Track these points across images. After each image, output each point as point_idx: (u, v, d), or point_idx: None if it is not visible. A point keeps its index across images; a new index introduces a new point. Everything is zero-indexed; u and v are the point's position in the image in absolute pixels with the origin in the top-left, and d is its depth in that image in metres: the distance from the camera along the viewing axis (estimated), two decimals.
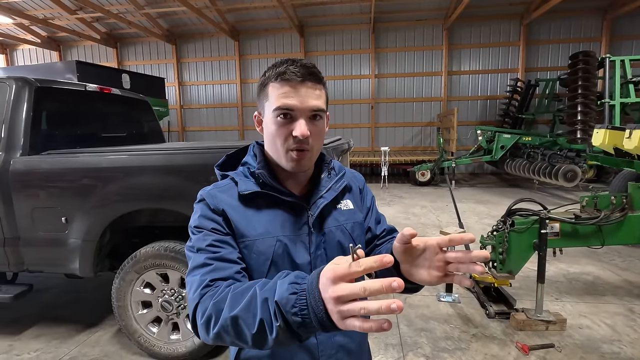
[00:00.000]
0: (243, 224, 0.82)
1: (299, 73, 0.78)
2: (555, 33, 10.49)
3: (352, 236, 0.91)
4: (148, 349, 2.33)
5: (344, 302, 0.53)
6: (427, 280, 0.71)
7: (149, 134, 3.77)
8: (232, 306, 0.65)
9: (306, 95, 0.79)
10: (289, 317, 0.58)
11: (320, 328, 0.57)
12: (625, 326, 2.65)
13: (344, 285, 0.53)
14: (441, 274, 0.69)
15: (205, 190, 0.86)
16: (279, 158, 0.83)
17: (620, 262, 3.90)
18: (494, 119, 10.89)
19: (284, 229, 0.84)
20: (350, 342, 0.90)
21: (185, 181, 2.09)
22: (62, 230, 2.27)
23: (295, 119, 0.79)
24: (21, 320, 2.94)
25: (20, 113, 2.36)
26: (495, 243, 2.76)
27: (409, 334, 2.61)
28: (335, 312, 0.54)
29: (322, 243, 0.87)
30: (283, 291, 0.60)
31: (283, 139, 0.80)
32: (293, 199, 0.85)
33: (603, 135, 3.95)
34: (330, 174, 0.93)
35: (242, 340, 0.65)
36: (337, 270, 0.54)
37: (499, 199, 7.37)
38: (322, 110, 0.82)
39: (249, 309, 0.63)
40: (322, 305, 0.55)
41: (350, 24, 11.15)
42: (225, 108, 12.28)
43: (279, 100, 0.78)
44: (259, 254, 0.81)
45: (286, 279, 0.62)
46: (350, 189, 0.98)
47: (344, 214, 0.92)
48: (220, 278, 0.74)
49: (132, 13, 10.39)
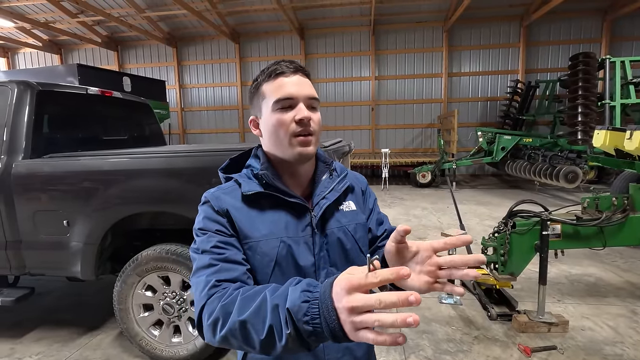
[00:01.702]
0: (247, 225, 0.82)
1: (290, 66, 0.84)
2: (555, 34, 10.50)
3: (355, 237, 0.91)
4: (150, 352, 2.33)
5: (358, 313, 0.52)
6: (416, 286, 0.67)
7: (150, 137, 3.78)
8: (241, 310, 0.64)
9: (301, 83, 0.83)
10: (300, 325, 0.57)
11: (332, 338, 0.56)
12: (627, 328, 2.64)
13: (359, 296, 0.52)
14: (432, 280, 0.65)
15: (209, 192, 0.87)
16: (284, 150, 0.84)
17: (622, 263, 3.89)
18: (494, 121, 10.90)
19: (288, 230, 0.84)
20: (357, 346, 0.90)
21: (186, 184, 2.09)
22: (64, 233, 2.27)
23: (295, 105, 0.82)
24: (23, 323, 2.94)
25: (22, 116, 2.37)
26: (496, 245, 2.75)
27: (410, 336, 2.60)
28: (349, 323, 0.53)
29: (324, 244, 0.87)
30: (295, 298, 0.59)
31: (286, 126, 0.82)
32: (296, 200, 0.85)
33: (604, 136, 3.95)
34: (332, 175, 0.93)
35: (249, 345, 0.64)
36: (352, 280, 0.53)
37: (499, 200, 7.36)
38: (317, 98, 0.86)
39: (259, 314, 0.62)
40: (334, 315, 0.54)
41: (351, 26, 11.18)
42: (226, 110, 12.31)
43: (278, 92, 0.82)
44: (263, 255, 0.81)
45: (298, 286, 0.61)
46: (353, 190, 0.98)
47: (347, 215, 0.92)
48: (226, 279, 0.73)
49: (133, 16, 10.43)
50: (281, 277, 0.80)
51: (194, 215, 0.89)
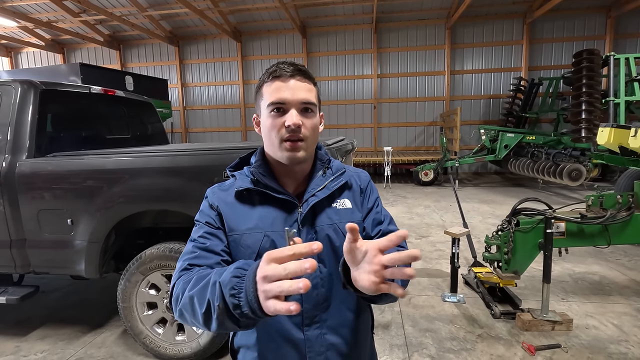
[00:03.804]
0: (234, 219, 0.88)
1: (288, 69, 0.85)
2: (559, 31, 10.43)
3: (345, 235, 0.90)
4: (154, 350, 2.33)
5: (268, 281, 0.56)
6: (366, 286, 0.65)
7: (152, 136, 3.79)
8: (192, 287, 0.71)
9: (296, 88, 0.84)
10: (227, 298, 0.62)
11: (250, 311, 0.59)
12: (632, 326, 2.63)
13: (272, 265, 0.56)
14: (377, 280, 0.63)
15: (210, 188, 0.96)
16: (275, 151, 0.87)
17: (626, 261, 3.87)
18: (497, 118, 10.85)
19: (274, 225, 0.87)
20: (342, 342, 0.90)
21: (189, 182, 2.09)
22: (68, 232, 2.28)
23: (287, 110, 0.84)
24: (28, 321, 2.96)
25: (26, 116, 2.37)
26: (500, 243, 2.74)
27: (414, 334, 2.60)
28: (261, 292, 0.57)
29: (312, 240, 0.86)
30: (228, 274, 0.64)
31: (277, 130, 0.84)
32: (284, 196, 0.88)
33: (608, 133, 3.92)
34: (325, 173, 0.94)
35: (196, 320, 0.70)
36: (271, 253, 0.57)
37: (503, 198, 7.34)
38: (312, 103, 0.86)
39: (203, 291, 0.67)
40: (253, 287, 0.58)
41: (353, 24, 11.15)
42: (228, 109, 12.31)
43: (272, 96, 0.84)
44: (246, 247, 0.86)
45: (236, 263, 0.66)
46: (350, 187, 0.98)
47: (339, 213, 0.92)
48: (199, 264, 0.81)
49: (135, 15, 10.44)
50: None
51: (196, 213, 0.95)
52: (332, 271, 0.89)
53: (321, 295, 0.88)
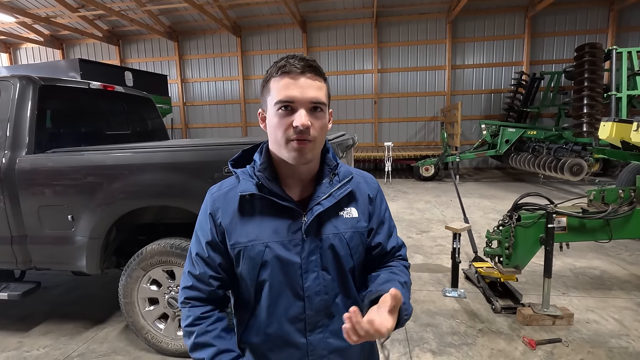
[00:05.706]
0: (235, 229, 0.87)
1: (299, 65, 0.79)
2: (561, 25, 10.35)
3: (349, 246, 0.90)
4: (155, 345, 2.35)
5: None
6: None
7: (152, 132, 3.78)
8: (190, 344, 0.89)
9: (306, 86, 0.80)
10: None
11: None
12: (633, 320, 2.63)
13: None
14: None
15: (212, 190, 0.93)
16: (280, 150, 0.83)
17: (627, 256, 3.87)
18: (498, 113, 10.80)
19: (277, 233, 0.85)
20: (345, 345, 0.89)
21: (189, 178, 2.09)
22: (69, 228, 2.28)
23: (296, 110, 0.79)
24: (30, 317, 2.97)
25: (25, 112, 2.36)
26: (501, 238, 2.74)
27: (415, 329, 2.61)
28: None
29: (317, 249, 0.87)
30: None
31: (284, 130, 0.80)
32: (289, 204, 0.85)
33: (610, 128, 3.90)
34: (332, 181, 0.90)
35: None
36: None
37: (503, 193, 7.33)
38: (322, 102, 0.82)
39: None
40: None
41: (353, 18, 11.07)
42: (228, 104, 12.26)
43: (280, 93, 0.79)
44: (250, 259, 0.85)
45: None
46: (358, 195, 0.94)
47: (346, 222, 0.90)
48: (195, 297, 0.90)
49: (134, 10, 10.37)
50: (267, 279, 0.86)
51: (197, 209, 0.94)
52: (336, 278, 0.89)
53: (324, 302, 0.88)
